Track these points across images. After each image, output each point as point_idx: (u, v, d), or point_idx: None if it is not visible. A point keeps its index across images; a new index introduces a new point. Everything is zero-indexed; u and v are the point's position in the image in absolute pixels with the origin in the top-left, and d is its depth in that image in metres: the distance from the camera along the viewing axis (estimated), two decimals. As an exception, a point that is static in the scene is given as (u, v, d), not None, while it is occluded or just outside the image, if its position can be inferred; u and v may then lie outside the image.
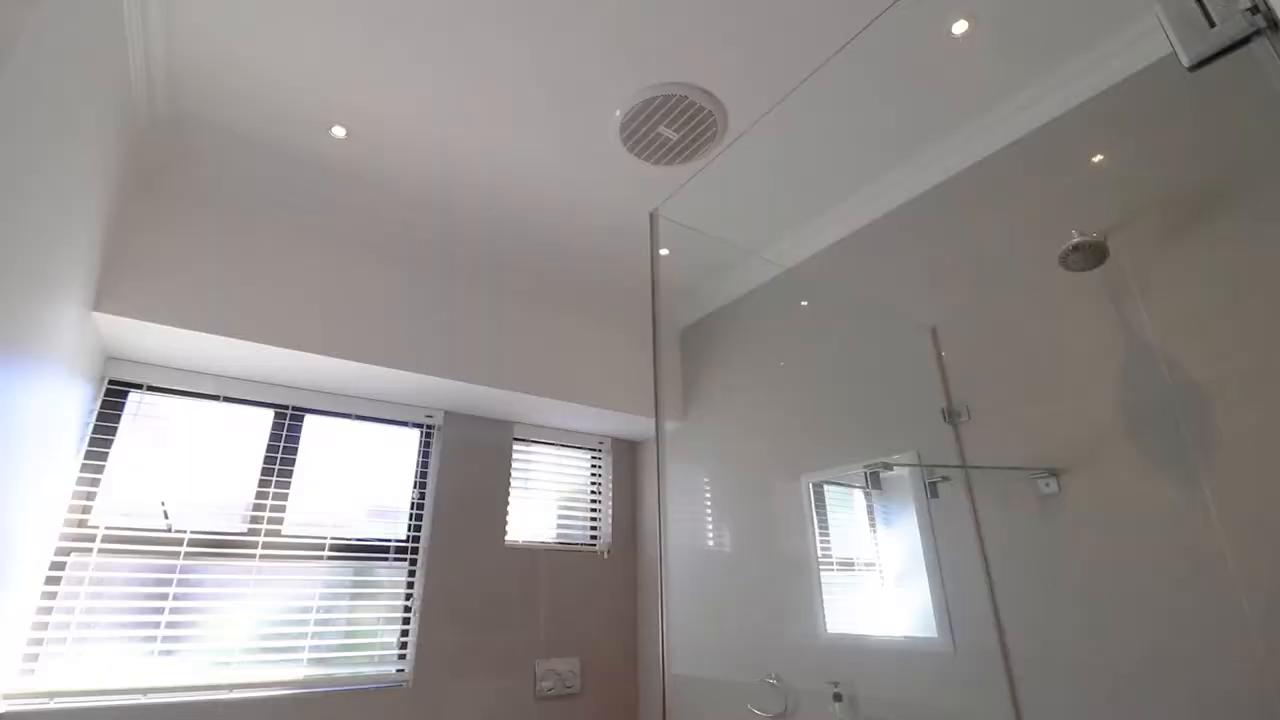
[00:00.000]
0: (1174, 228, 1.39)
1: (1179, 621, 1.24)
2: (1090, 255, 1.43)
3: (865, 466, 1.91)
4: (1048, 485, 1.49)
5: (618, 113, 1.81)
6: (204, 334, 1.88)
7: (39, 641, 1.75)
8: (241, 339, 1.93)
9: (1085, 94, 1.60)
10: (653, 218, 1.51)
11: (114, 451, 1.98)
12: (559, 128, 1.87)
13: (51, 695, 1.72)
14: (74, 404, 1.76)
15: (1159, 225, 1.41)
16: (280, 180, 2.06)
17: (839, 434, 2.04)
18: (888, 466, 1.83)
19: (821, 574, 1.99)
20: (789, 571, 2.08)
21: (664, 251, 1.45)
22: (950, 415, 1.73)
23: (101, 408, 1.99)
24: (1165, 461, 1.31)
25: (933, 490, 1.73)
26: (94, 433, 1.95)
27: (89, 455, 1.93)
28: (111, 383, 2.03)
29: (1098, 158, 1.56)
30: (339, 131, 1.88)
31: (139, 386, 2.07)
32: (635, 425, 2.88)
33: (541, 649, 2.55)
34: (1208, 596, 1.21)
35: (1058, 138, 1.66)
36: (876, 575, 1.87)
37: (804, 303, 2.36)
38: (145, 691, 1.83)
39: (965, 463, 1.67)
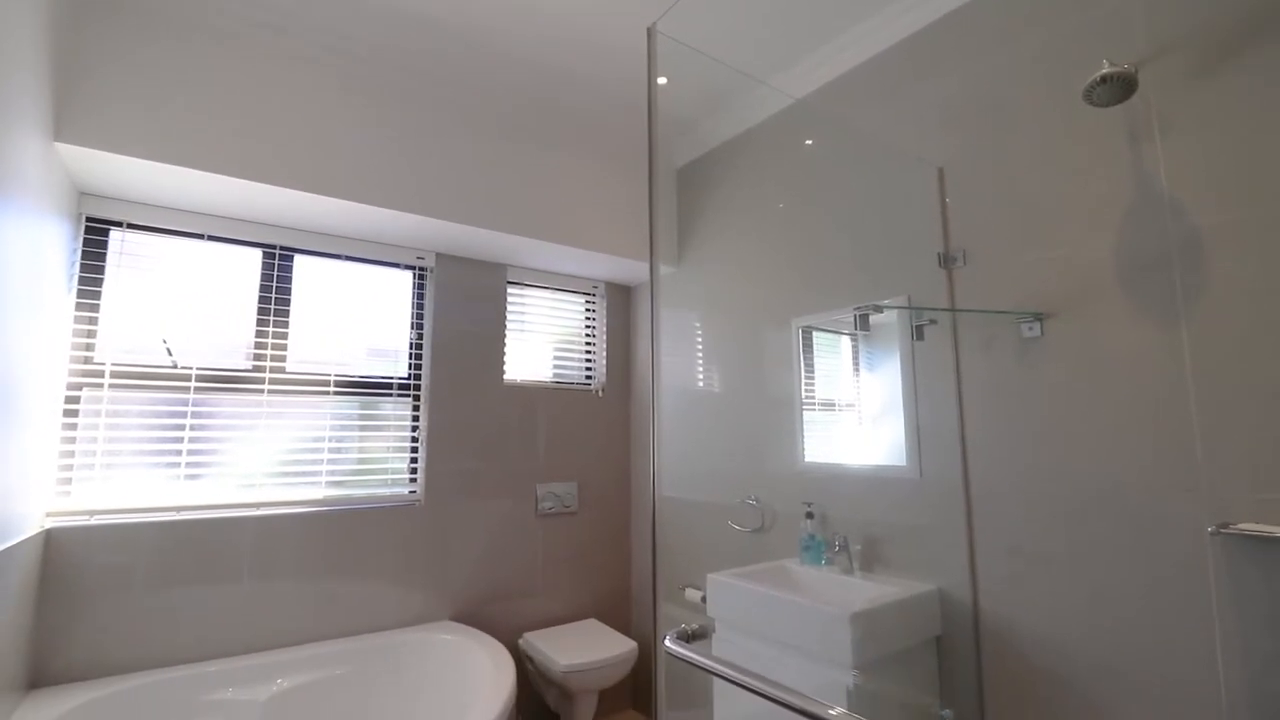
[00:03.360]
0: (1205, 65, 1.28)
1: (1131, 457, 1.34)
2: (1117, 88, 1.33)
3: (855, 309, 1.94)
4: (1030, 329, 1.52)
5: (611, -93, 1.57)
6: (174, 166, 1.79)
7: (69, 467, 1.87)
8: (214, 173, 1.84)
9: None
10: (650, 34, 1.38)
11: (105, 290, 1.97)
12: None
13: (90, 513, 1.87)
14: (54, 241, 1.72)
15: (1189, 61, 1.31)
16: (233, -11, 1.84)
17: (833, 278, 2.05)
18: (878, 308, 1.86)
19: (804, 413, 2.10)
20: (773, 410, 2.20)
21: (662, 80, 1.33)
22: (946, 260, 1.73)
23: (84, 246, 1.94)
24: (1151, 308, 1.34)
25: (918, 334, 1.78)
26: (82, 271, 1.93)
27: (81, 295, 1.93)
28: (90, 220, 1.96)
29: (1145, -28, 1.40)
30: (292, -73, 1.64)
31: (119, 224, 2.01)
32: (629, 269, 2.87)
33: (542, 474, 2.76)
34: (1164, 435, 1.30)
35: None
36: (855, 414, 1.99)
37: (809, 141, 2.24)
38: (178, 509, 2.00)
39: (954, 307, 1.70)
